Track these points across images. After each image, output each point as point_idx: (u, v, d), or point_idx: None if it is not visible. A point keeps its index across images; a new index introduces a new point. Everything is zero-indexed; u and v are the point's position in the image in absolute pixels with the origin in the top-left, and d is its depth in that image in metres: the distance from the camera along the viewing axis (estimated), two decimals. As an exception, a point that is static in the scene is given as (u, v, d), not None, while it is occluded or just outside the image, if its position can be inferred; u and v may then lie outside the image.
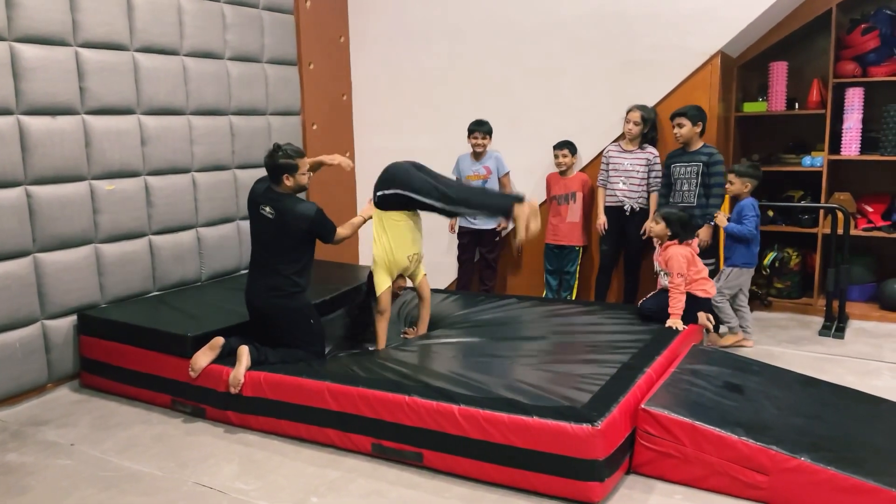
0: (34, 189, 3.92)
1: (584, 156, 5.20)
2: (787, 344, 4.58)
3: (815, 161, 5.17)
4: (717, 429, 2.81)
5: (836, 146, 5.16)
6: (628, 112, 4.82)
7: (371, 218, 3.93)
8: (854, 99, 5.05)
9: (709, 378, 3.30)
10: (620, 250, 5.05)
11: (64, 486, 3.02)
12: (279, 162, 3.63)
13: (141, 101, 4.43)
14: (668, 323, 3.91)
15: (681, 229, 4.05)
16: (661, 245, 4.12)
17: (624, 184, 4.87)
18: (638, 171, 4.83)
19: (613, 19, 4.96)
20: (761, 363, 3.70)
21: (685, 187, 4.61)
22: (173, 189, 4.64)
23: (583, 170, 5.21)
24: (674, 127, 4.57)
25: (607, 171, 4.95)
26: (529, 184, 5.36)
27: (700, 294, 4.03)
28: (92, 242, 4.23)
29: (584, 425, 2.70)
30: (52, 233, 4.00)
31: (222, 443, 3.41)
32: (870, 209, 5.21)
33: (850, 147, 5.10)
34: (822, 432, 2.90)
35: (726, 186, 4.46)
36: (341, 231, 3.84)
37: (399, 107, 5.91)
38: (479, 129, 5.10)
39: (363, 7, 5.92)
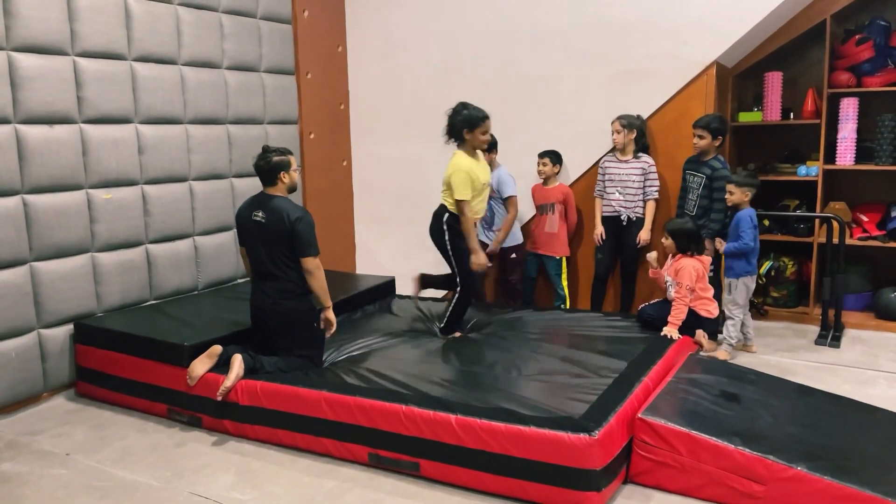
0: (31, 198, 3.92)
1: (581, 165, 5.21)
2: (784, 353, 4.58)
3: (811, 170, 5.20)
4: (714, 438, 2.82)
5: (831, 156, 5.18)
6: (612, 123, 4.87)
7: (326, 310, 3.78)
8: (849, 109, 5.07)
9: (705, 387, 3.31)
10: (616, 259, 5.06)
11: (59, 497, 3.01)
12: (275, 160, 3.67)
13: (138, 110, 4.44)
14: (665, 331, 3.91)
15: (687, 242, 4.07)
16: (673, 257, 4.13)
17: (620, 193, 4.88)
18: (633, 181, 4.84)
19: (609, 29, 4.99)
20: (757, 372, 3.71)
21: (691, 196, 4.65)
22: (170, 198, 4.64)
23: (578, 179, 5.23)
24: (694, 137, 4.57)
25: (603, 181, 4.97)
26: (525, 192, 5.37)
27: (702, 313, 4.03)
28: (89, 251, 4.23)
29: (582, 435, 2.71)
30: (49, 241, 4.00)
31: (218, 452, 3.40)
32: (865, 218, 5.22)
33: (845, 157, 5.12)
34: (819, 441, 2.91)
35: (726, 197, 4.43)
36: (321, 272, 3.67)
37: (396, 116, 5.92)
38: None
39: (361, 17, 5.94)
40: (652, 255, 4.41)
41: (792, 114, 5.36)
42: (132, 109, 4.40)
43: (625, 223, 4.90)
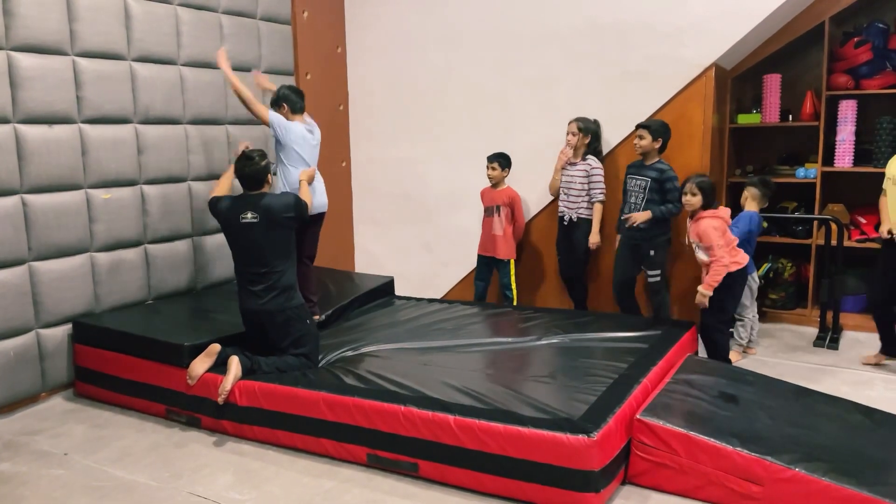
0: (30, 198, 3.92)
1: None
2: (782, 354, 4.59)
3: (809, 172, 5.21)
4: (712, 439, 2.82)
5: (829, 158, 5.20)
6: (569, 124, 4.92)
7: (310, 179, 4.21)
8: (847, 111, 5.08)
9: (704, 388, 3.31)
10: (570, 258, 5.12)
11: (57, 497, 3.01)
12: (263, 165, 3.74)
13: (137, 111, 4.44)
14: (699, 291, 3.96)
15: (713, 197, 4.07)
16: (691, 218, 4.12)
17: (564, 193, 4.95)
18: (577, 183, 4.89)
19: (609, 31, 5.00)
20: (756, 373, 3.72)
21: (632, 199, 4.60)
22: (169, 198, 4.64)
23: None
24: (635, 137, 4.60)
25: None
26: (522, 195, 5.37)
27: (733, 267, 3.98)
28: (87, 251, 4.22)
29: (580, 436, 2.71)
30: (48, 241, 4.00)
31: (217, 453, 3.40)
32: (863, 220, 5.23)
33: (844, 159, 5.13)
34: (817, 443, 2.91)
35: (742, 202, 4.54)
36: (306, 193, 4.08)
37: (395, 117, 5.93)
38: None
39: (360, 18, 5.95)
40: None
41: (791, 116, 5.37)
42: (131, 109, 4.40)
43: (567, 223, 4.96)
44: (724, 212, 4.06)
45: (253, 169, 3.71)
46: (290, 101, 4.37)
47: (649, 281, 4.59)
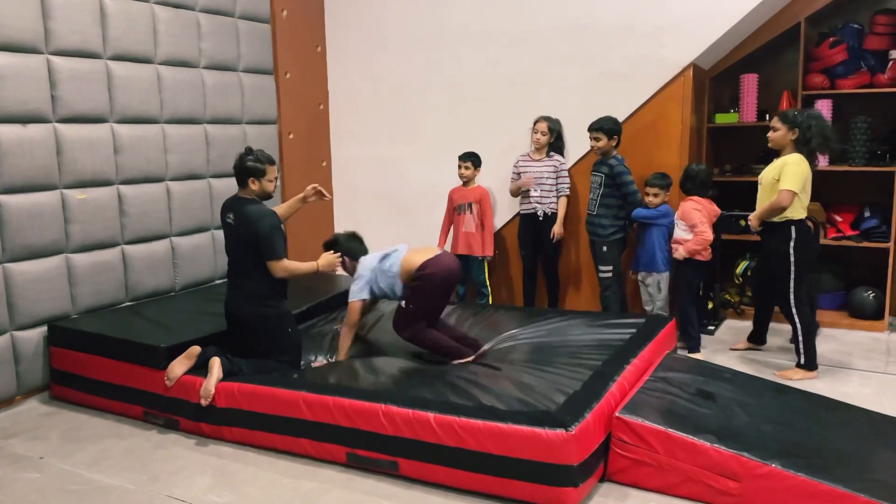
0: (4, 198, 3.86)
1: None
2: (759, 351, 4.63)
3: (786, 171, 5.25)
4: (690, 436, 2.84)
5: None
6: (536, 122, 5.03)
7: (319, 268, 3.80)
8: (822, 110, 5.12)
9: (682, 385, 3.34)
10: (539, 254, 5.20)
11: (33, 501, 2.97)
12: (247, 164, 3.64)
13: (114, 110, 4.39)
14: (677, 254, 4.46)
15: (686, 180, 4.51)
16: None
17: (536, 191, 5.04)
18: (547, 178, 5.02)
19: (588, 31, 5.03)
20: (733, 371, 3.76)
21: (591, 195, 4.81)
22: (147, 198, 4.60)
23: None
24: (591, 140, 4.71)
25: (519, 180, 5.11)
26: (505, 197, 5.38)
27: (696, 254, 4.37)
28: (63, 252, 4.17)
29: (558, 430, 2.72)
30: (23, 242, 3.94)
31: (195, 455, 3.37)
32: (839, 219, 5.29)
33: (820, 158, 5.18)
34: (793, 439, 2.94)
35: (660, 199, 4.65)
36: (291, 265, 3.65)
37: (376, 116, 5.92)
38: None
39: (340, 17, 5.93)
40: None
41: (767, 115, 5.40)
42: (107, 109, 4.35)
43: (541, 218, 5.06)
44: (703, 201, 4.39)
45: (239, 163, 3.66)
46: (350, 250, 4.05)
47: (601, 276, 4.79)
